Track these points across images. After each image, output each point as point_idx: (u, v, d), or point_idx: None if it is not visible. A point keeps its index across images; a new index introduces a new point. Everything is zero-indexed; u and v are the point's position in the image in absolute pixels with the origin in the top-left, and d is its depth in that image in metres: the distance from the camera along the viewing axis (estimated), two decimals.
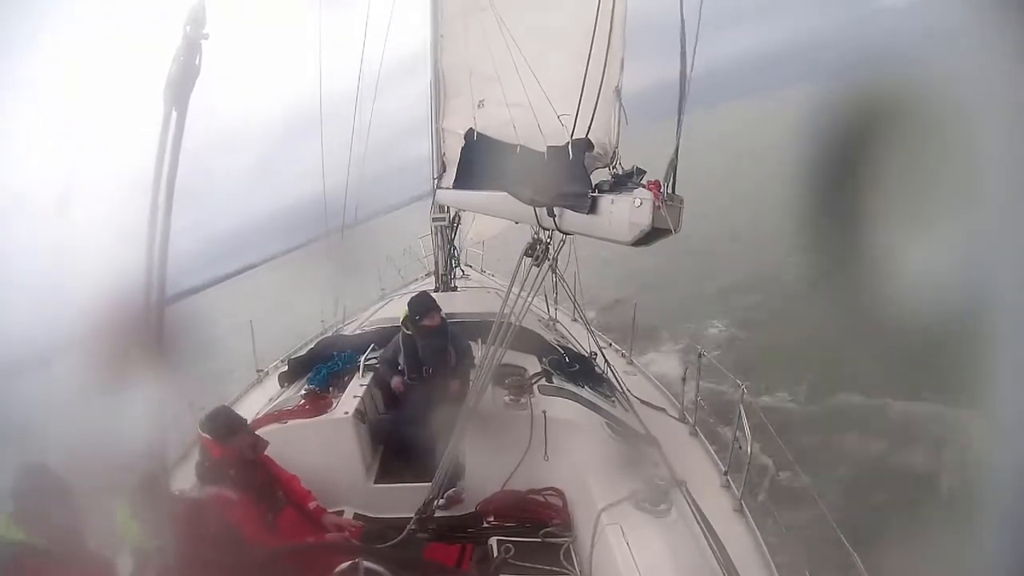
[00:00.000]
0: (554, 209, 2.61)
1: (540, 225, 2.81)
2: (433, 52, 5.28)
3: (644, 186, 2.14)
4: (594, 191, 2.39)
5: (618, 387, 4.29)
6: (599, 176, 2.56)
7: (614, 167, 2.60)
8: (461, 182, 4.65)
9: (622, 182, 2.32)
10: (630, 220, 2.11)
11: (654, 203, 2.01)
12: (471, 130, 4.28)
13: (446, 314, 4.00)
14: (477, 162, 4.10)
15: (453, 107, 5.13)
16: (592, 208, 2.36)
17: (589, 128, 2.53)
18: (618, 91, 2.58)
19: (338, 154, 6.16)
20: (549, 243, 2.82)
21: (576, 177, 2.53)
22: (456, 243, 6.66)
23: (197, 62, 1.14)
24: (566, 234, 2.70)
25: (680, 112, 1.94)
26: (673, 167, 2.00)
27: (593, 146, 2.60)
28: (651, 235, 2.08)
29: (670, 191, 2.03)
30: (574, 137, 2.59)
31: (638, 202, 2.08)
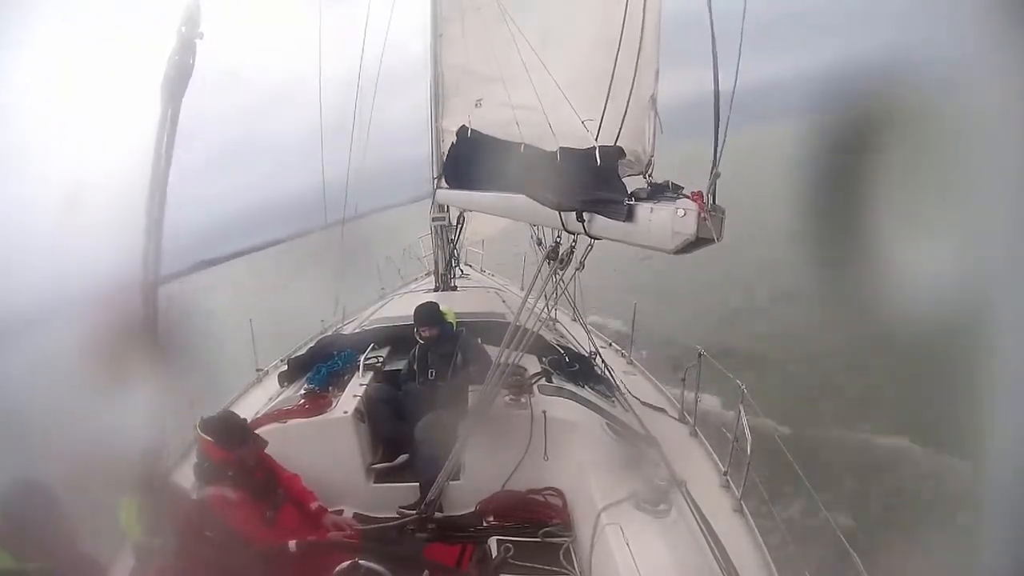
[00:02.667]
0: (583, 214, 2.61)
1: (566, 229, 2.79)
2: (433, 52, 5.28)
3: (688, 196, 2.16)
4: (630, 199, 2.40)
5: (617, 387, 4.28)
6: (632, 183, 2.56)
7: (649, 175, 2.60)
8: (455, 181, 4.64)
9: (659, 191, 2.34)
10: (673, 229, 2.13)
11: (699, 213, 2.04)
12: (464, 127, 4.26)
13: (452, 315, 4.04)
14: (475, 161, 4.09)
15: (452, 107, 5.13)
16: (629, 216, 2.37)
17: (618, 135, 2.52)
18: (653, 99, 2.58)
19: (338, 153, 6.19)
20: (574, 246, 2.82)
21: (610, 184, 2.52)
22: (456, 243, 6.66)
23: (192, 61, 1.13)
24: (594, 239, 2.69)
25: (716, 121, 1.94)
26: (715, 178, 2.02)
27: (624, 153, 2.60)
28: (693, 244, 2.11)
29: (712, 202, 2.05)
30: (600, 144, 2.58)
31: (682, 212, 2.10)
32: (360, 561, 2.22)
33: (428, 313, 3.90)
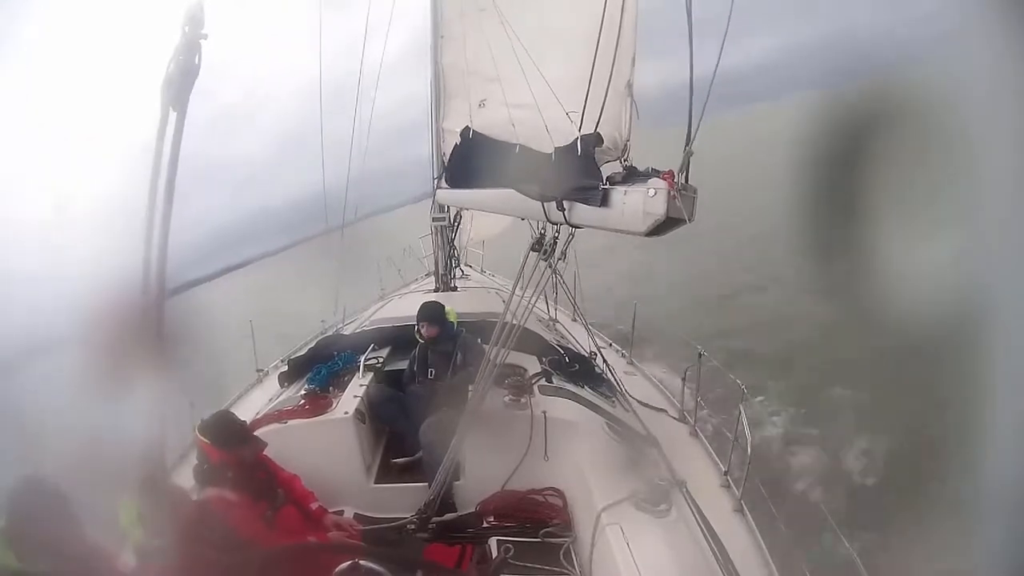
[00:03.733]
0: (563, 203, 2.59)
1: (549, 220, 2.78)
2: (433, 52, 5.29)
3: (659, 176, 2.13)
4: (605, 184, 2.38)
5: (618, 387, 4.29)
6: (610, 170, 2.54)
7: (626, 160, 2.58)
8: (456, 181, 4.66)
9: (634, 174, 2.31)
10: (644, 210, 2.10)
11: (669, 192, 2.00)
12: (467, 128, 4.27)
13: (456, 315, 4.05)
14: (475, 161, 4.10)
15: (454, 107, 5.14)
16: (604, 201, 2.35)
17: (598, 122, 2.51)
18: (630, 86, 2.57)
19: (339, 153, 6.22)
20: (557, 237, 2.81)
21: (586, 171, 2.51)
22: (456, 243, 6.66)
23: (196, 61, 1.13)
24: (576, 227, 2.68)
25: (691, 102, 1.92)
26: (688, 156, 1.99)
27: (602, 140, 2.58)
28: (665, 225, 2.08)
29: (684, 181, 2.02)
30: (582, 132, 2.57)
31: (652, 192, 2.06)
32: (360, 562, 2.22)
33: (431, 311, 3.91)
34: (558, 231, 2.79)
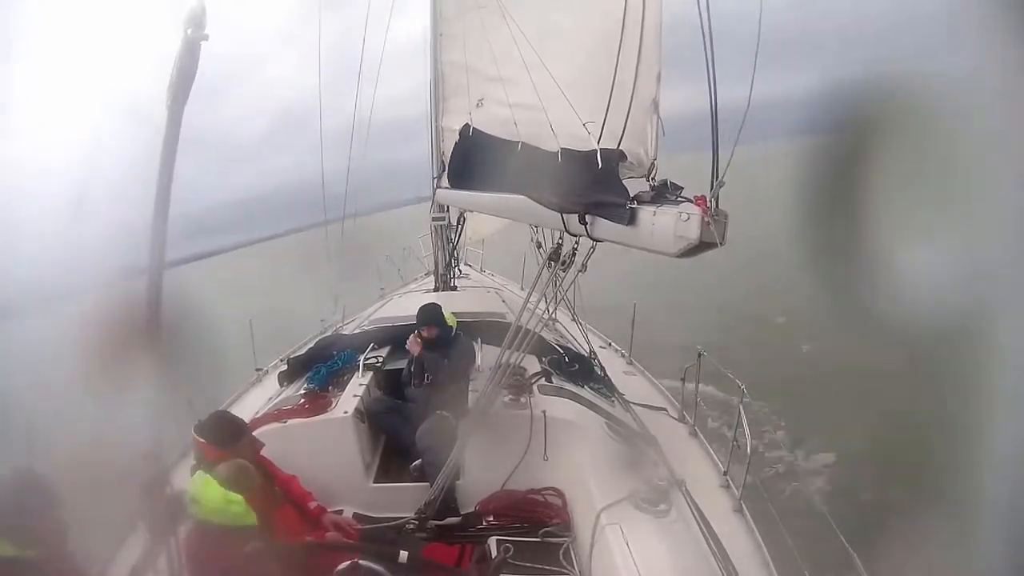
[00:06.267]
0: (586, 216, 2.60)
1: (568, 231, 2.78)
2: (433, 51, 5.28)
3: (690, 200, 2.16)
4: (632, 202, 2.39)
5: (617, 387, 4.29)
6: (633, 185, 2.54)
7: (652, 179, 2.59)
8: (457, 180, 4.64)
9: (661, 194, 2.33)
10: (675, 233, 2.13)
11: (702, 218, 2.04)
12: (467, 126, 4.25)
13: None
14: (476, 160, 4.08)
15: (453, 106, 5.13)
16: (631, 220, 2.36)
17: (621, 139, 2.51)
18: (655, 103, 2.58)
19: (338, 150, 6.22)
20: (575, 249, 2.81)
21: (612, 187, 2.52)
22: (456, 243, 6.66)
23: (196, 63, 1.14)
24: (597, 241, 2.68)
25: (715, 127, 1.94)
26: (719, 183, 2.02)
27: (626, 156, 2.59)
28: (696, 248, 2.12)
29: (715, 205, 2.05)
30: (602, 146, 2.56)
31: (685, 216, 2.10)
32: (360, 561, 2.22)
33: (432, 313, 3.90)
34: (576, 243, 2.79)
